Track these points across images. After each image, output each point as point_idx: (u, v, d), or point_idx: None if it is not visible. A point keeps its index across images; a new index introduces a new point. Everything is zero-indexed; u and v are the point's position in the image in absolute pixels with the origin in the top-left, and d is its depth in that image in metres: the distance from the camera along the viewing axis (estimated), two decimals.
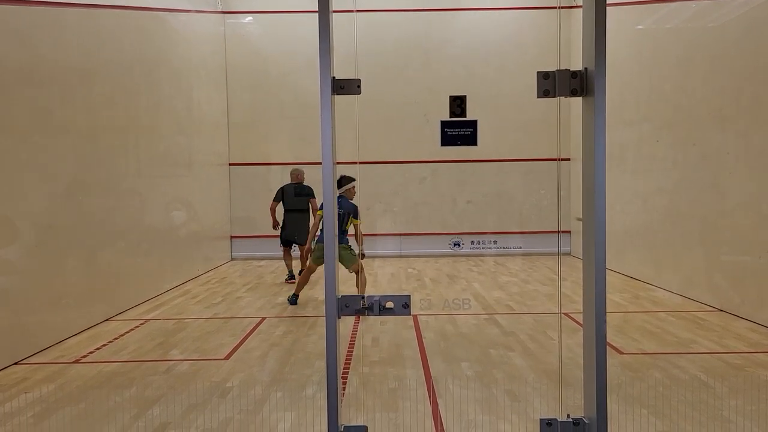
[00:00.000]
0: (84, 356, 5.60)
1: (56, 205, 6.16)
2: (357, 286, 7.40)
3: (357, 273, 7.51)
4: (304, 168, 9.61)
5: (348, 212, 7.56)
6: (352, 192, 7.75)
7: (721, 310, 6.96)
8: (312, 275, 7.80)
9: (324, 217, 2.40)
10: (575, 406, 2.72)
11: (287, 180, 9.58)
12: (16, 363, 5.33)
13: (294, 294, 7.87)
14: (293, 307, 7.69)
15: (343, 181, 7.63)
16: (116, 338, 6.23)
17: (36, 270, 5.81)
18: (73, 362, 5.41)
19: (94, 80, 7.00)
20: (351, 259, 7.52)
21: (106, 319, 6.98)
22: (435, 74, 12.12)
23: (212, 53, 11.77)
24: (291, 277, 9.34)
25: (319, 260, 7.40)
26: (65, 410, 4.21)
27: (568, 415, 2.41)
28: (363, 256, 7.83)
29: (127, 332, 6.42)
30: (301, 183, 9.34)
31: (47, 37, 6.12)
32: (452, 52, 12.25)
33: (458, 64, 12.16)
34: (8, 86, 5.45)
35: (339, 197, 7.33)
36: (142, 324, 6.80)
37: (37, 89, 5.91)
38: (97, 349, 5.85)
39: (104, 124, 7.22)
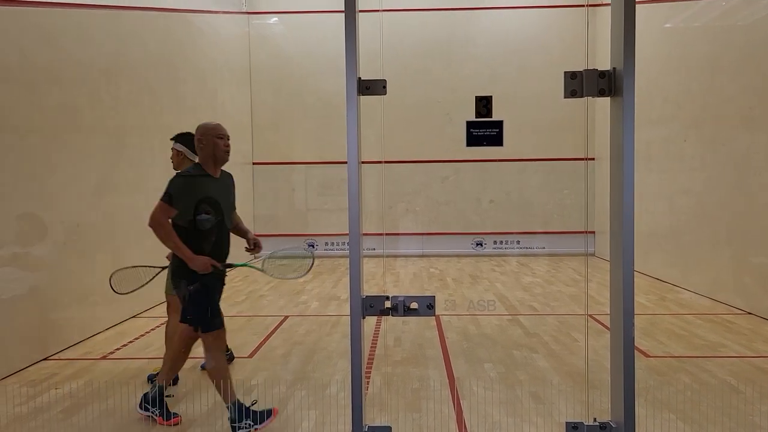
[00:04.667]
0: (111, 353, 5.69)
1: (84, 204, 6.27)
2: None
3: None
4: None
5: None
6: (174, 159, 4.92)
7: (750, 313, 6.83)
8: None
9: (349, 216, 2.39)
10: (601, 409, 2.70)
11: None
12: (45, 358, 5.44)
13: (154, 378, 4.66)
14: (316, 306, 7.71)
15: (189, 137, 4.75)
16: (142, 335, 6.31)
17: (65, 267, 5.92)
18: (101, 358, 5.50)
19: (121, 80, 7.11)
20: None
21: (133, 316, 7.08)
22: (458, 74, 12.09)
23: (237, 53, 11.87)
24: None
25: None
26: (93, 406, 4.28)
27: (595, 419, 2.39)
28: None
29: (152, 329, 6.50)
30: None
31: (75, 37, 6.23)
32: (476, 52, 12.20)
33: (482, 64, 12.11)
34: (38, 86, 5.56)
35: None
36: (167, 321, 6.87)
37: (66, 89, 6.02)
38: (124, 345, 5.94)
39: (131, 123, 7.32)
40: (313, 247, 12.38)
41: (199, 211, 3.86)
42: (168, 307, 4.92)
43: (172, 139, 4.93)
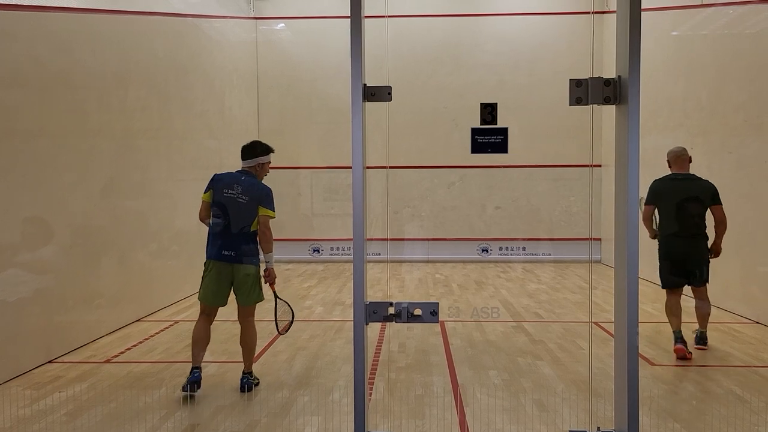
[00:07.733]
0: (115, 356, 5.70)
1: (91, 207, 6.29)
2: (241, 343, 4.77)
3: (243, 322, 4.77)
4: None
5: (256, 198, 4.90)
6: (266, 168, 5.16)
7: (757, 323, 6.78)
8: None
9: (353, 221, 2.39)
10: (605, 418, 2.68)
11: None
12: (50, 361, 5.45)
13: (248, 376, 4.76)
14: (320, 311, 7.70)
15: (258, 148, 5.09)
16: (146, 339, 6.32)
17: (70, 270, 5.93)
18: (105, 362, 5.51)
19: (129, 85, 7.14)
20: (254, 293, 4.77)
21: (137, 320, 7.09)
22: (465, 80, 12.09)
23: (244, 59, 11.92)
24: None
25: (214, 297, 4.78)
26: (96, 409, 4.29)
27: (598, 428, 2.37)
28: (267, 278, 4.93)
29: (157, 333, 6.51)
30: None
31: (85, 42, 6.26)
32: (482, 58, 12.21)
33: (488, 70, 12.11)
34: (48, 90, 5.60)
35: (244, 174, 5.06)
36: (171, 325, 6.89)
37: (75, 93, 6.05)
38: (128, 349, 5.95)
39: (138, 127, 7.36)
40: (319, 252, 12.38)
41: None
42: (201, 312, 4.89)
43: (270, 152, 5.19)
